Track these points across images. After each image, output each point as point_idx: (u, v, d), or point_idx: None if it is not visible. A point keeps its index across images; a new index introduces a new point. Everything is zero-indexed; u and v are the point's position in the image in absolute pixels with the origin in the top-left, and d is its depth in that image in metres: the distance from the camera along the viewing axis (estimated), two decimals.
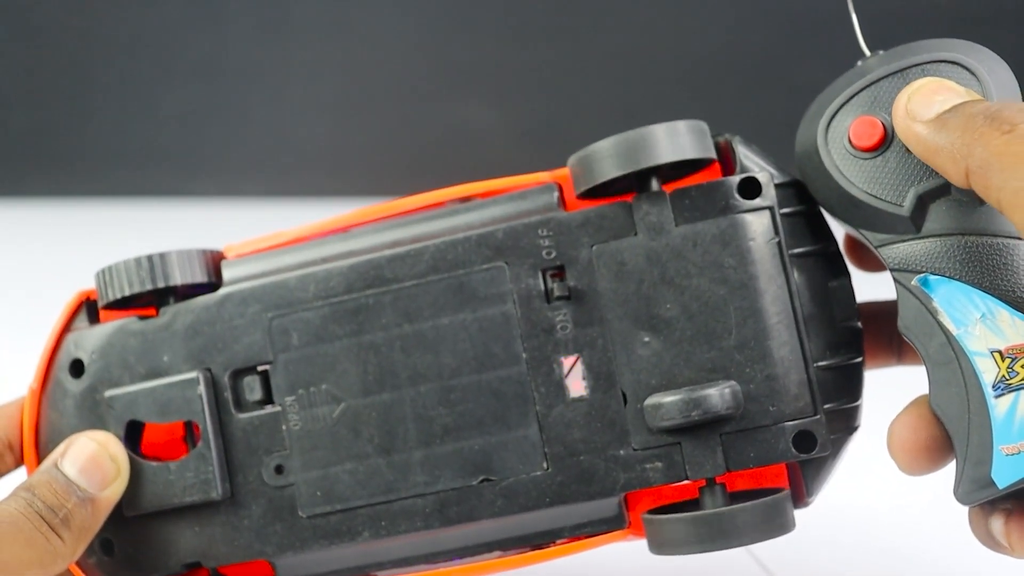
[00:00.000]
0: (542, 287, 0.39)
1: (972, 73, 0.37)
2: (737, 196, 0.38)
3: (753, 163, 0.39)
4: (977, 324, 0.35)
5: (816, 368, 0.38)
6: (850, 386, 0.39)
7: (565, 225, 0.39)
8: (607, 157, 0.38)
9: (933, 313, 0.36)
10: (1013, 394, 0.34)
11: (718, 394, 0.37)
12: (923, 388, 0.38)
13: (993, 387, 0.35)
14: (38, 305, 0.43)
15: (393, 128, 0.99)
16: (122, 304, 0.43)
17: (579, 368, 0.39)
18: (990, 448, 0.35)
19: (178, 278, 0.42)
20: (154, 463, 0.41)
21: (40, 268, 0.84)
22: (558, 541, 0.40)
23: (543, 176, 0.41)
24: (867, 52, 0.40)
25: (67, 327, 0.44)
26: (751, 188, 0.38)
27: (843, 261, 0.40)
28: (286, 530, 0.41)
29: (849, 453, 0.40)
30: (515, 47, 0.95)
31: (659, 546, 0.38)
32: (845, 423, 0.39)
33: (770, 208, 0.38)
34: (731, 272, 0.38)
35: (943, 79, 0.36)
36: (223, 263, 0.43)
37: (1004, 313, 0.35)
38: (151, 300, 0.43)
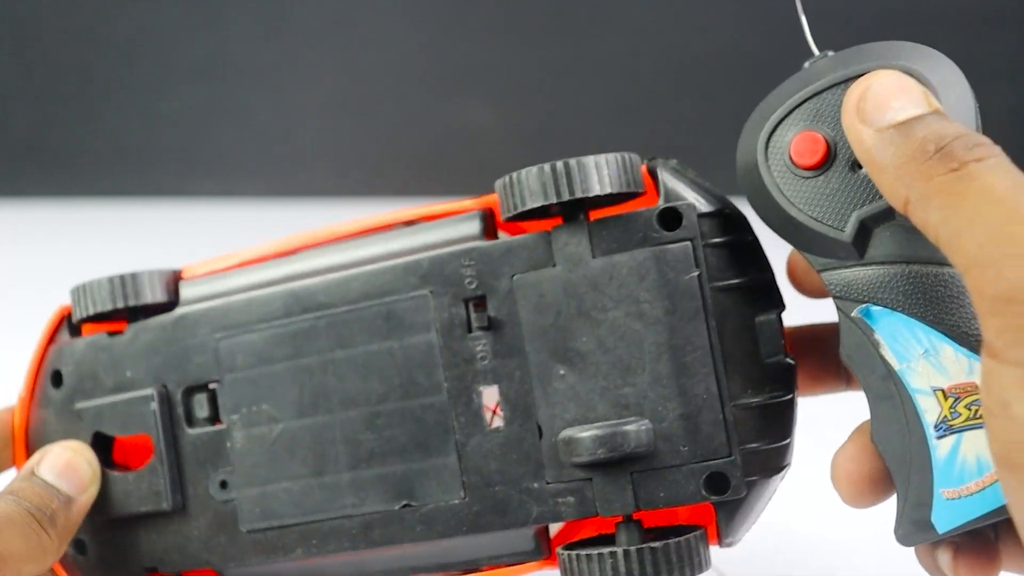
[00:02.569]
0: (464, 316, 0.39)
1: (923, 85, 0.34)
2: (657, 227, 0.37)
3: (680, 191, 0.38)
4: (920, 360, 0.33)
5: (735, 407, 0.37)
6: (775, 425, 0.37)
7: (487, 255, 0.38)
8: (532, 186, 0.37)
9: (875, 345, 0.34)
10: (955, 436, 0.33)
11: (630, 432, 0.36)
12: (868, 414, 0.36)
13: (935, 427, 0.33)
14: (38, 305, 0.43)
15: (393, 128, 0.99)
16: (96, 319, 0.45)
17: (497, 399, 0.39)
18: (930, 491, 0.33)
19: (144, 298, 0.43)
20: (116, 473, 0.43)
21: (40, 268, 0.84)
22: (480, 569, 0.41)
23: (471, 203, 0.40)
24: (816, 52, 0.37)
25: (52, 339, 0.46)
26: (671, 219, 0.37)
27: (776, 293, 0.38)
28: (229, 543, 0.42)
29: (812, 470, 0.39)
30: (515, 47, 0.96)
31: None
32: (768, 464, 0.37)
33: (690, 240, 0.37)
34: (647, 307, 0.37)
35: (902, 76, 0.33)
36: (180, 283, 0.44)
37: (948, 349, 0.33)
38: (123, 319, 0.45)
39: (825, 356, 0.39)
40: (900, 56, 0.35)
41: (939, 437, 0.33)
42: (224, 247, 0.46)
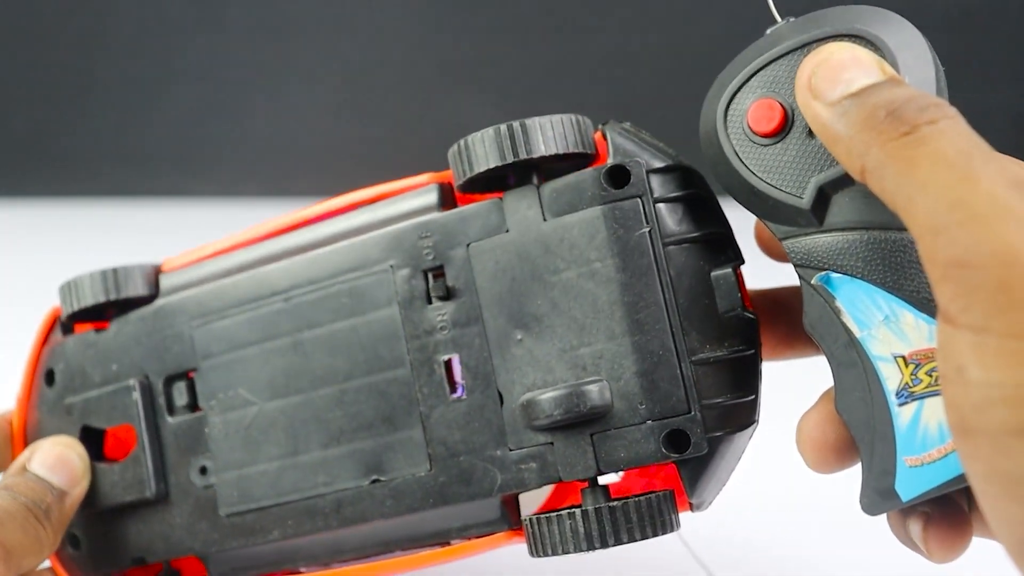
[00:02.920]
0: (423, 288, 0.39)
1: (878, 48, 0.34)
2: (605, 185, 0.37)
3: (629, 149, 0.37)
4: (880, 327, 0.33)
5: (694, 363, 0.36)
6: (737, 380, 0.37)
7: (442, 225, 0.39)
8: (481, 150, 0.38)
9: (836, 313, 0.34)
10: (917, 403, 0.32)
11: (587, 392, 0.36)
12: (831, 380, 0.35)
13: (896, 395, 0.32)
14: (38, 305, 0.44)
15: (393, 128, 0.99)
16: (91, 316, 0.45)
17: (458, 368, 0.39)
18: (893, 459, 0.32)
19: (125, 291, 0.44)
20: (104, 464, 0.44)
21: (40, 268, 0.84)
22: (450, 542, 0.40)
23: (428, 177, 0.41)
24: (779, 19, 0.37)
25: (46, 339, 0.47)
26: (619, 176, 0.37)
27: (733, 247, 0.38)
28: (209, 528, 0.42)
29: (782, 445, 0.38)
30: (515, 47, 0.95)
31: (535, 548, 0.37)
32: (732, 419, 0.37)
33: (640, 196, 0.36)
34: (598, 265, 0.36)
35: (855, 47, 0.32)
36: (160, 276, 0.45)
37: (908, 315, 0.32)
38: (113, 312, 0.45)
39: (794, 319, 0.38)
40: (857, 20, 0.34)
41: (901, 404, 0.32)
42: None
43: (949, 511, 0.34)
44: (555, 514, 0.36)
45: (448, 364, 0.39)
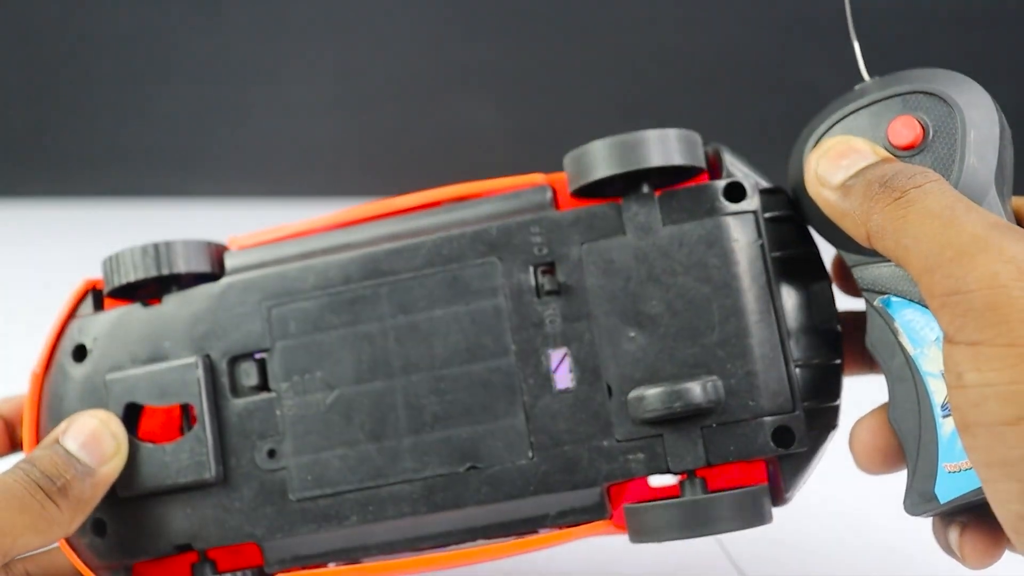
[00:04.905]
0: (532, 282, 0.40)
1: (950, 106, 0.37)
2: (723, 199, 0.39)
3: (739, 170, 0.41)
4: (931, 346, 0.36)
5: (795, 366, 0.39)
6: (828, 386, 0.40)
7: (557, 223, 0.40)
8: (600, 157, 0.40)
9: (895, 333, 0.37)
10: None
11: (699, 387, 0.38)
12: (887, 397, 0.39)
13: (941, 407, 0.36)
14: (38, 305, 0.43)
15: (393, 128, 0.99)
16: (127, 292, 0.44)
17: (566, 361, 0.40)
18: (935, 465, 0.36)
19: (182, 266, 0.43)
20: (151, 445, 0.42)
21: (40, 268, 0.84)
22: (540, 530, 0.41)
23: (537, 177, 0.42)
24: (867, 77, 0.40)
25: (72, 313, 0.45)
26: (736, 192, 0.40)
27: (823, 266, 0.41)
28: (276, 513, 0.42)
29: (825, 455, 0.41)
30: (515, 47, 0.95)
31: (638, 533, 0.39)
32: (823, 421, 0.40)
33: (754, 212, 0.39)
34: (715, 271, 0.39)
35: (850, 139, 0.38)
36: (226, 253, 0.44)
37: None
38: (155, 291, 0.44)
39: (852, 342, 0.42)
40: (934, 80, 0.38)
41: (944, 416, 0.36)
42: None
43: (984, 523, 0.37)
44: (664, 503, 0.38)
45: (555, 359, 0.40)
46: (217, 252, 0.44)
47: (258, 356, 0.42)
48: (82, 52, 0.99)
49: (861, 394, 0.43)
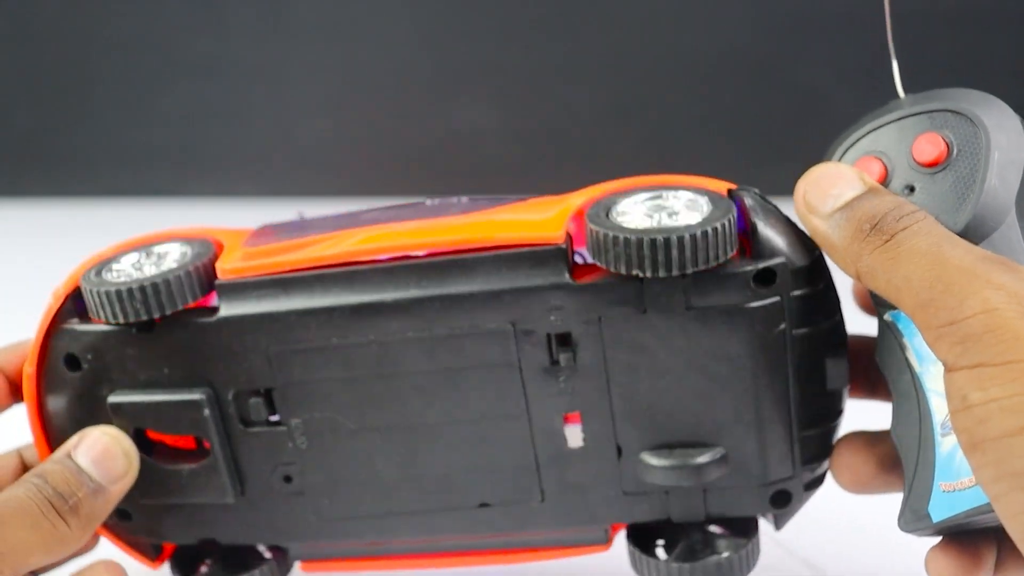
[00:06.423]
0: (547, 352, 0.39)
1: (976, 126, 0.37)
2: (752, 286, 0.38)
3: (775, 247, 0.38)
4: (935, 364, 0.36)
5: (801, 437, 0.40)
6: (825, 448, 0.41)
7: (574, 295, 0.38)
8: (633, 256, 0.37)
9: (902, 348, 0.37)
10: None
11: (707, 461, 0.39)
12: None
13: (941, 426, 0.36)
14: (38, 305, 0.43)
15: (393, 128, 0.99)
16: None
17: (578, 423, 0.40)
18: (931, 483, 0.36)
19: (170, 308, 0.40)
20: (167, 467, 0.42)
21: (40, 268, 0.84)
22: (544, 549, 0.43)
23: (553, 233, 0.38)
24: (902, 94, 0.40)
25: (57, 318, 0.42)
26: (766, 278, 0.38)
27: (845, 338, 0.41)
28: (294, 526, 0.43)
29: None
30: (515, 47, 0.95)
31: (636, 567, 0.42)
32: (818, 479, 0.41)
33: (782, 295, 0.38)
34: (735, 357, 0.38)
35: (838, 167, 0.37)
36: (218, 285, 0.41)
37: None
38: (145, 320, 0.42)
39: (854, 368, 0.42)
40: (964, 100, 0.38)
41: (943, 435, 0.35)
42: None
43: (961, 547, 0.37)
44: (659, 563, 0.41)
45: (566, 418, 0.40)
46: (206, 276, 0.41)
47: (264, 389, 0.41)
48: (82, 52, 0.99)
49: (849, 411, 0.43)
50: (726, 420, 0.39)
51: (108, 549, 0.45)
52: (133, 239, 0.44)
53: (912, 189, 0.38)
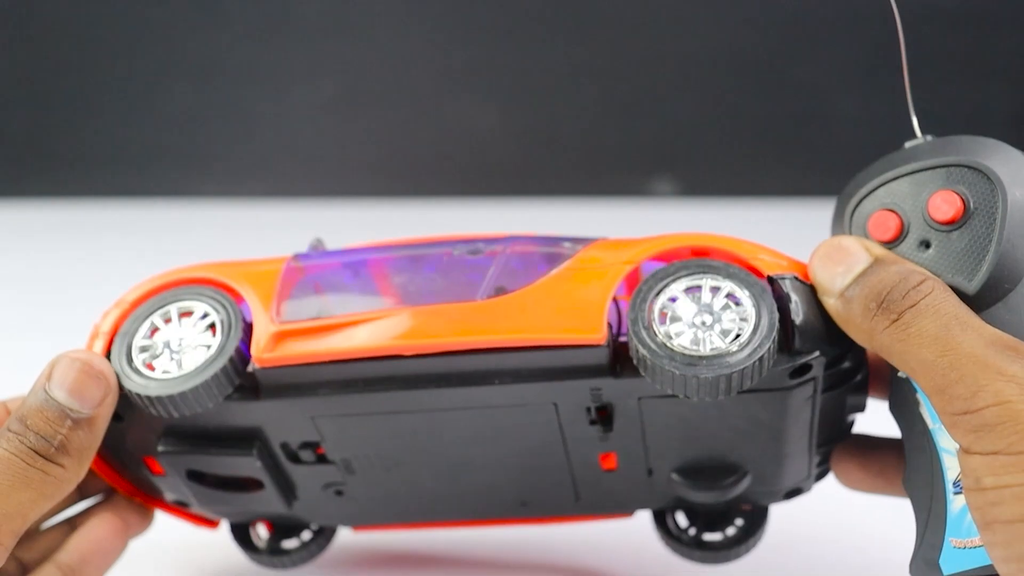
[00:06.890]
0: (586, 416, 0.41)
1: (992, 183, 0.37)
2: (788, 378, 0.39)
3: (809, 337, 0.38)
4: None
5: (817, 454, 0.43)
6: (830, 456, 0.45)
7: (616, 385, 0.40)
8: (674, 383, 0.38)
9: (916, 404, 0.38)
10: None
11: (731, 482, 0.43)
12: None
13: (953, 484, 0.36)
14: (38, 305, 0.42)
15: (393, 128, 0.99)
16: None
17: (613, 456, 0.43)
18: (942, 537, 0.36)
19: (216, 400, 0.40)
20: (229, 494, 0.45)
21: (40, 268, 0.84)
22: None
23: (593, 335, 0.39)
24: (919, 133, 0.40)
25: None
26: (803, 371, 0.39)
27: (867, 383, 0.42)
28: (343, 518, 0.47)
29: None
30: (516, 48, 0.96)
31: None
32: (826, 471, 0.45)
33: (815, 380, 0.39)
34: (766, 421, 0.41)
35: (841, 241, 0.38)
36: (258, 374, 0.41)
37: None
38: None
39: (874, 372, 0.44)
40: (981, 152, 0.38)
41: (955, 493, 0.36)
42: (224, 247, 0.46)
43: None
44: (685, 551, 0.46)
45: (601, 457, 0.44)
46: (241, 363, 0.40)
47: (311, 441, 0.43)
48: (83, 53, 0.99)
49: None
50: (752, 455, 0.42)
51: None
52: (145, 289, 0.42)
53: (928, 245, 0.38)
